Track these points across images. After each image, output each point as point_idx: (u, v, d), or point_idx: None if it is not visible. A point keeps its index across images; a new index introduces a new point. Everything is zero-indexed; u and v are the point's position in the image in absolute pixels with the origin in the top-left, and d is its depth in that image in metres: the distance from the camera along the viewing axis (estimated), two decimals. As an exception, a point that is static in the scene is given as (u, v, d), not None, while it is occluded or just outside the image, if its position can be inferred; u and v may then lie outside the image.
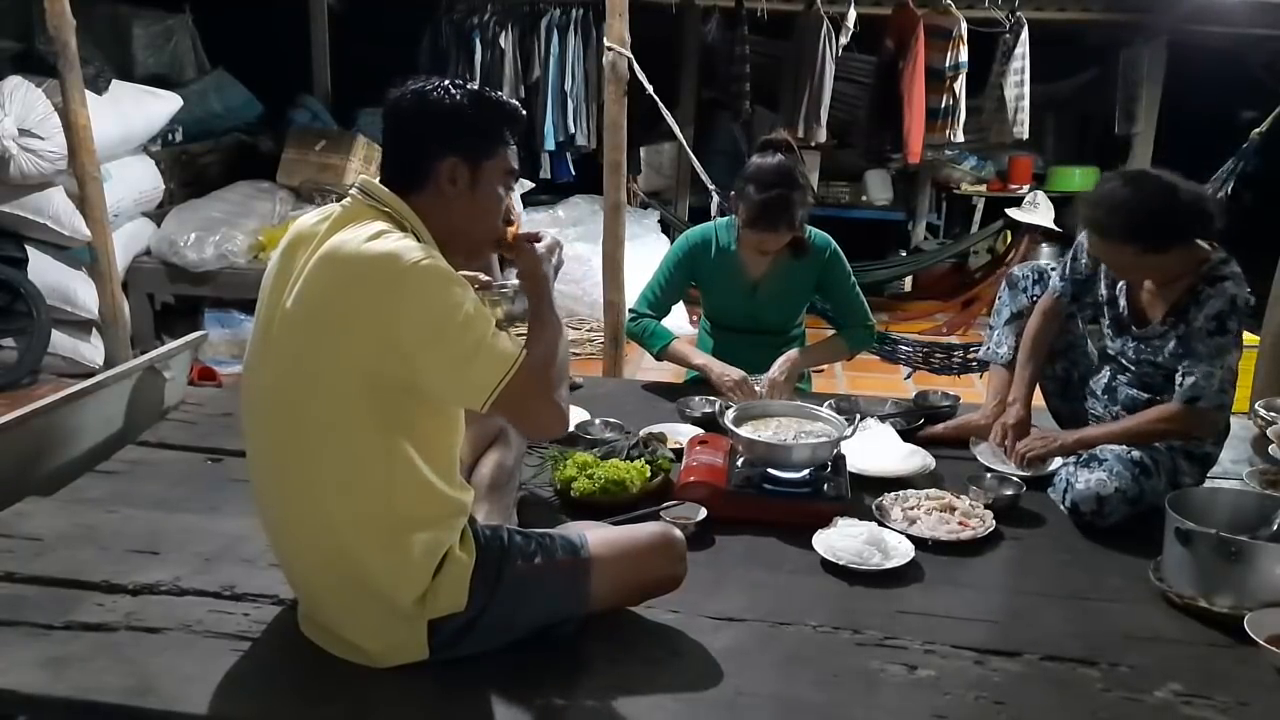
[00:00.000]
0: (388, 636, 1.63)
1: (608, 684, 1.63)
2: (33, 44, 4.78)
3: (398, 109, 1.70)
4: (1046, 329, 2.59)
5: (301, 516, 1.63)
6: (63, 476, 2.35)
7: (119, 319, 4.41)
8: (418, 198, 1.67)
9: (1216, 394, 2.24)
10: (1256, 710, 1.62)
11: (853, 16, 5.76)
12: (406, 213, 1.66)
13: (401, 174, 1.69)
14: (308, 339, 1.57)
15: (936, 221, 7.26)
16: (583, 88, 6.24)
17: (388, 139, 1.73)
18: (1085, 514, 2.23)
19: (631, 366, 4.46)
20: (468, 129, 1.69)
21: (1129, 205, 2.21)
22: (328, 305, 1.55)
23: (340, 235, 1.59)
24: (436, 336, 1.53)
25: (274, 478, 1.66)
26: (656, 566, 1.79)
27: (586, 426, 2.63)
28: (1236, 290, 2.25)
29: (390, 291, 1.52)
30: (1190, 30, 5.81)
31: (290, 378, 1.59)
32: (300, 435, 1.59)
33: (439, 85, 1.70)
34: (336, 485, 1.58)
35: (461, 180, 1.68)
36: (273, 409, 1.63)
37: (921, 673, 1.69)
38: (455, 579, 1.64)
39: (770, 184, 2.73)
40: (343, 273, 1.55)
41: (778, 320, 3.06)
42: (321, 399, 1.56)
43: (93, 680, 1.60)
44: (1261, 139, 4.11)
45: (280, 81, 6.27)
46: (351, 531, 1.59)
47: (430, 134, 1.68)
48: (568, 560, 1.72)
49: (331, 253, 1.56)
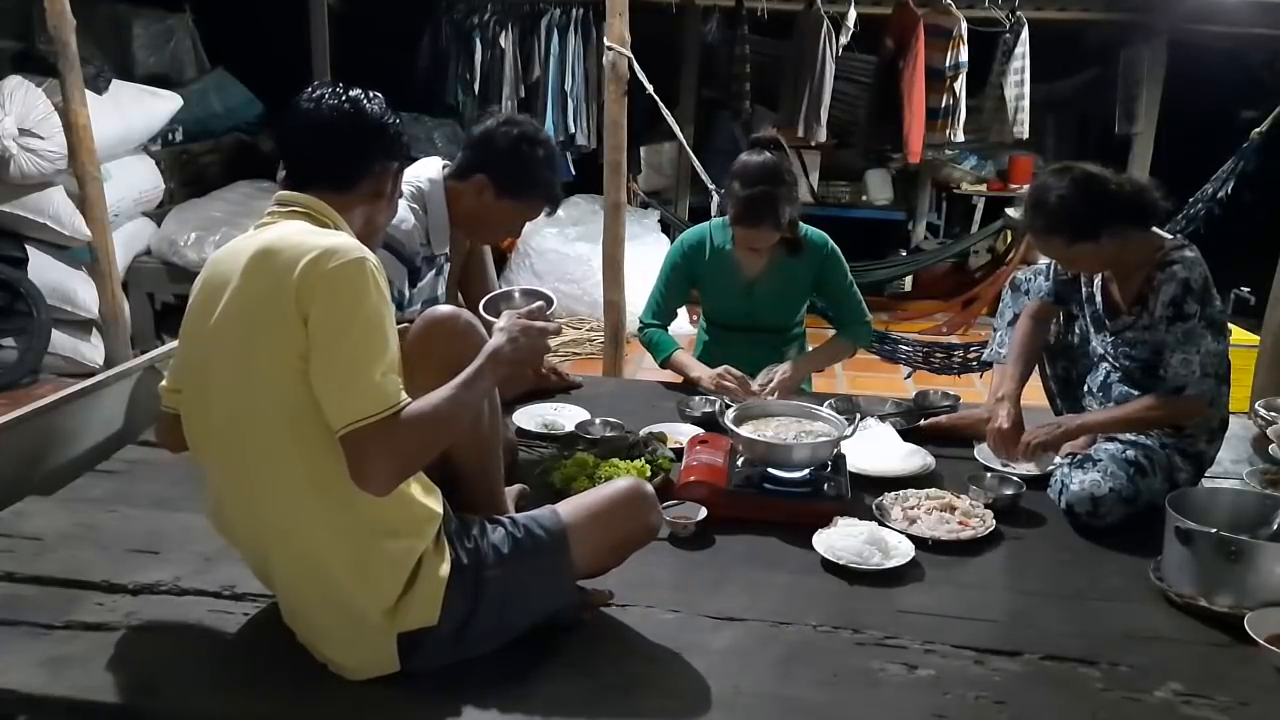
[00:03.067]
0: (354, 650, 1.60)
1: (608, 684, 1.63)
2: (33, 44, 4.79)
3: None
4: (1033, 331, 2.60)
5: (267, 529, 1.59)
6: (63, 476, 2.35)
7: (119, 319, 4.41)
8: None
9: (1199, 380, 2.24)
10: (1256, 710, 1.62)
11: (853, 16, 5.77)
12: (331, 215, 1.67)
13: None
14: (245, 344, 1.53)
15: (936, 221, 7.25)
16: (583, 87, 6.24)
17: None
18: (1081, 515, 2.23)
19: (632, 366, 4.46)
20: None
21: (1048, 199, 2.27)
22: (265, 303, 1.51)
23: (270, 236, 1.57)
24: (334, 336, 1.48)
25: (237, 496, 1.62)
26: (629, 519, 1.77)
27: (586, 426, 2.63)
28: (1187, 273, 2.25)
29: (318, 279, 1.47)
30: (1190, 30, 5.81)
31: (235, 389, 1.54)
32: (256, 447, 1.54)
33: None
34: (298, 494, 1.54)
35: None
36: (225, 427, 1.57)
37: (921, 673, 1.69)
38: (428, 591, 1.58)
39: (755, 180, 2.74)
40: (277, 263, 1.51)
41: (776, 319, 3.06)
42: (269, 403, 1.52)
43: (93, 680, 1.60)
44: (1261, 139, 4.10)
45: (280, 81, 6.25)
46: (317, 540, 1.55)
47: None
48: (548, 554, 1.68)
49: (266, 248, 1.53)
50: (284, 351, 1.50)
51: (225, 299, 1.56)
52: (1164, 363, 2.29)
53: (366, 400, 1.46)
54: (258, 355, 1.53)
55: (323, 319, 1.48)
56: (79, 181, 4.16)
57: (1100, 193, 2.26)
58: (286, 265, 1.50)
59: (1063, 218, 2.25)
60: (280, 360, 1.50)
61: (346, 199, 1.68)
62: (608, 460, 2.32)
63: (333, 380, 1.48)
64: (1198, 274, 2.25)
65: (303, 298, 1.48)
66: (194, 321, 1.63)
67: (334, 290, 1.48)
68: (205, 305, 1.60)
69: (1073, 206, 2.24)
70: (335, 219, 1.65)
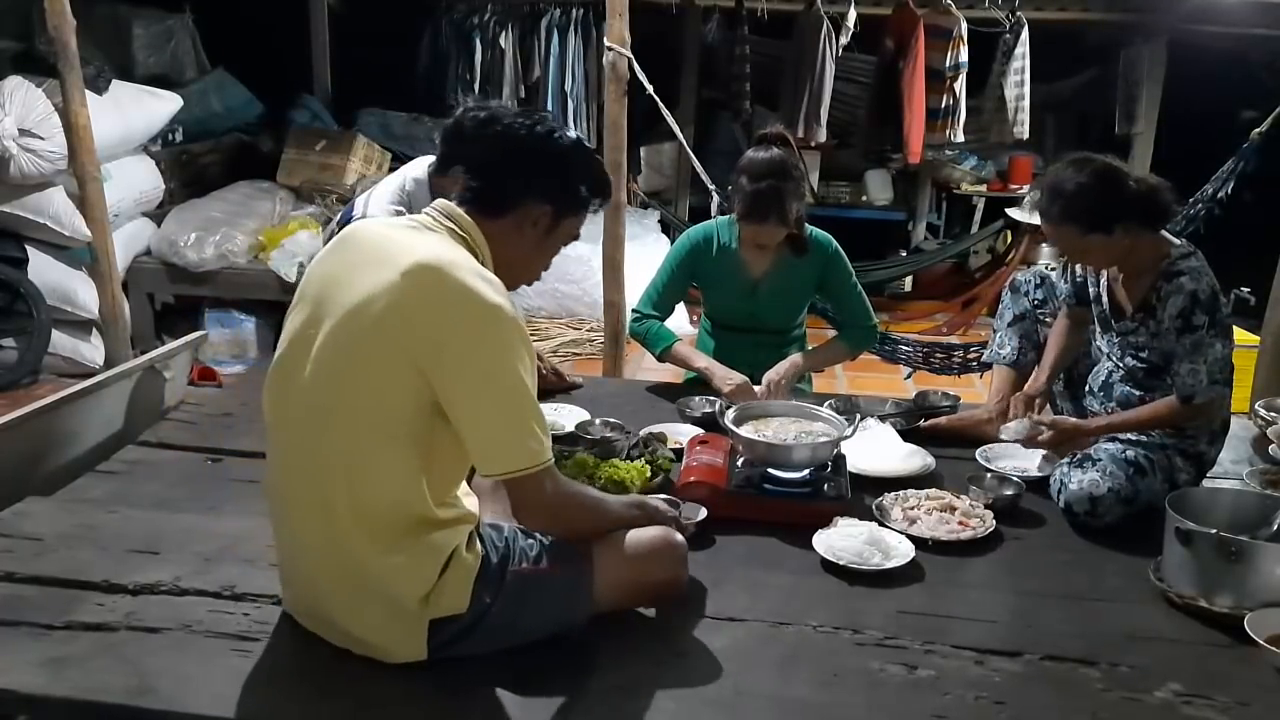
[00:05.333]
0: (388, 633, 1.64)
1: (608, 684, 1.64)
2: (33, 44, 4.78)
3: (508, 135, 1.73)
4: (1067, 329, 2.64)
5: (312, 508, 1.63)
6: (63, 476, 2.35)
7: (119, 319, 4.41)
8: (493, 225, 1.72)
9: (1207, 387, 2.26)
10: (1256, 710, 1.62)
11: (853, 16, 5.76)
12: (480, 241, 1.70)
13: (487, 200, 1.72)
14: (364, 343, 1.58)
15: (937, 221, 7.25)
16: (583, 88, 6.24)
17: (482, 161, 1.75)
18: (1079, 514, 2.23)
19: (632, 366, 4.45)
20: (570, 183, 1.77)
21: (1067, 187, 2.28)
22: (403, 320, 1.56)
23: (435, 252, 1.60)
24: (481, 385, 1.57)
25: (290, 466, 1.67)
26: (657, 570, 1.80)
27: (586, 426, 2.63)
28: (1194, 285, 2.26)
29: (471, 325, 1.55)
30: (1190, 30, 5.81)
31: (333, 377, 1.60)
32: (325, 430, 1.60)
33: (554, 126, 1.75)
34: (350, 484, 1.59)
35: (541, 226, 1.75)
36: (304, 402, 1.63)
37: (921, 673, 1.69)
38: (459, 579, 1.64)
39: (762, 175, 2.74)
40: (430, 293, 1.56)
41: (778, 319, 3.06)
42: (357, 403, 1.58)
43: (93, 680, 1.60)
44: (1262, 139, 4.10)
45: (280, 81, 6.27)
46: (361, 528, 1.60)
47: (537, 175, 1.73)
48: (571, 563, 1.72)
49: (421, 269, 1.56)
50: (390, 373, 1.57)
51: (371, 293, 1.58)
52: (1172, 371, 2.30)
53: (514, 454, 1.61)
54: (367, 361, 1.57)
55: (470, 362, 1.56)
56: (79, 182, 4.16)
57: (1119, 186, 2.27)
58: (438, 298, 1.55)
59: (1081, 207, 2.26)
60: (383, 376, 1.57)
61: (491, 226, 1.72)
62: (608, 461, 2.32)
63: (476, 427, 1.60)
64: (1205, 284, 2.26)
65: (456, 337, 1.55)
66: (322, 284, 1.66)
67: (492, 337, 1.57)
68: (340, 275, 1.64)
69: (1091, 196, 2.25)
70: (483, 249, 1.71)
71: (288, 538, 1.72)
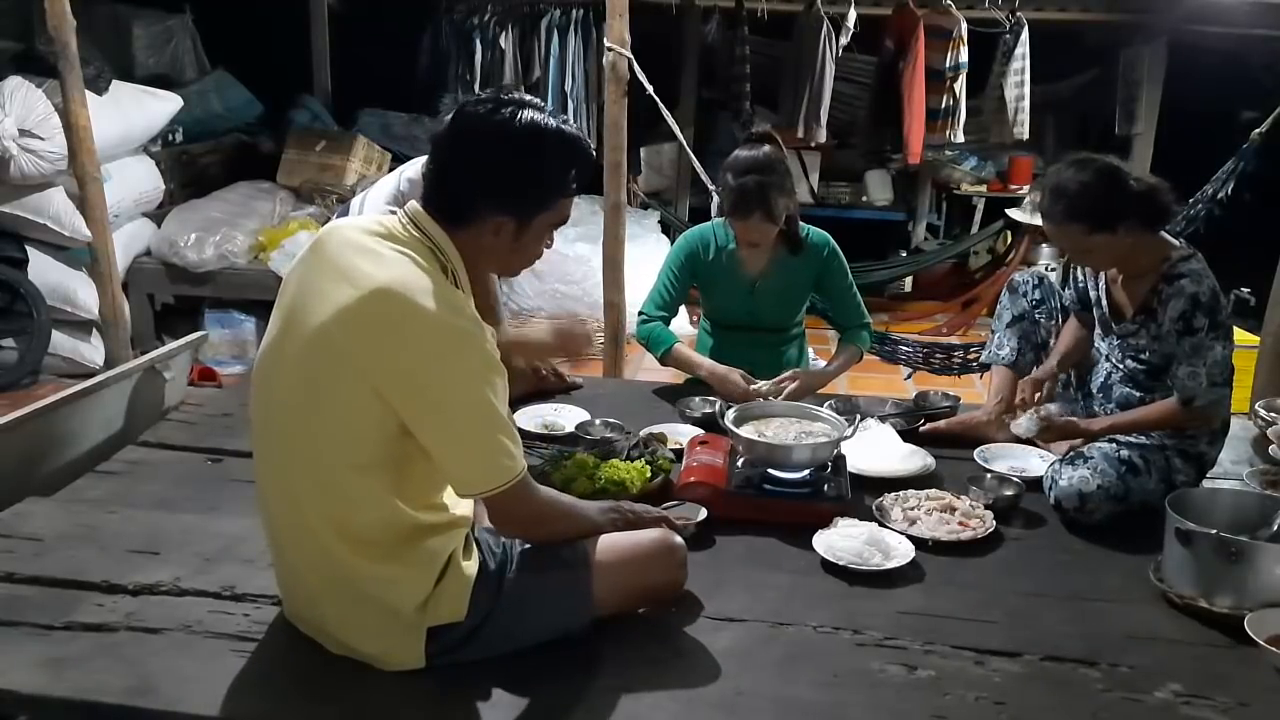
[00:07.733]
0: (385, 641, 1.63)
1: (608, 684, 1.63)
2: (33, 44, 4.78)
3: (465, 129, 1.62)
4: (1077, 329, 2.64)
5: (294, 528, 1.62)
6: (63, 476, 2.35)
7: (119, 319, 4.41)
8: (458, 234, 1.63)
9: (1208, 390, 2.27)
10: (1256, 710, 1.62)
11: (853, 17, 5.76)
12: (451, 252, 1.63)
13: (445, 210, 1.63)
14: (326, 372, 1.56)
15: (937, 222, 7.25)
16: (583, 88, 6.24)
17: (440, 162, 1.65)
18: (1069, 510, 2.23)
19: (632, 366, 4.46)
20: (528, 183, 1.62)
21: (1070, 187, 2.28)
22: (363, 348, 1.53)
23: (394, 274, 1.54)
24: (446, 410, 1.55)
25: (268, 486, 1.66)
26: (657, 572, 1.79)
27: (586, 426, 2.63)
28: (1195, 288, 2.26)
29: (429, 352, 1.52)
30: (1190, 30, 5.80)
31: (299, 409, 1.59)
32: (294, 458, 1.59)
33: (516, 107, 1.60)
34: (327, 507, 1.58)
35: (506, 233, 1.64)
36: (276, 426, 1.63)
37: (921, 673, 1.69)
38: (457, 587, 1.63)
39: (745, 171, 2.75)
40: (387, 321, 1.52)
41: (777, 319, 3.06)
42: (323, 433, 1.57)
43: (93, 680, 1.60)
44: (1262, 139, 4.10)
45: (280, 81, 6.28)
46: (345, 544, 1.59)
47: (492, 178, 1.61)
48: (570, 569, 1.71)
49: (379, 296, 1.52)
50: (360, 386, 1.54)
51: (337, 311, 1.54)
52: (1172, 374, 2.30)
53: (489, 474, 1.59)
54: (335, 377, 1.55)
55: (436, 382, 1.53)
56: (79, 182, 4.16)
57: (1121, 184, 2.28)
58: (401, 320, 1.51)
59: (1084, 206, 2.27)
60: (353, 389, 1.54)
61: (459, 235, 1.64)
62: (608, 461, 2.32)
63: (447, 447, 1.58)
64: (1206, 287, 2.26)
65: (418, 361, 1.52)
66: (295, 292, 1.63)
67: (456, 359, 1.54)
68: (311, 283, 1.61)
69: (1094, 195, 2.26)
70: (454, 260, 1.64)
71: (276, 551, 1.71)
